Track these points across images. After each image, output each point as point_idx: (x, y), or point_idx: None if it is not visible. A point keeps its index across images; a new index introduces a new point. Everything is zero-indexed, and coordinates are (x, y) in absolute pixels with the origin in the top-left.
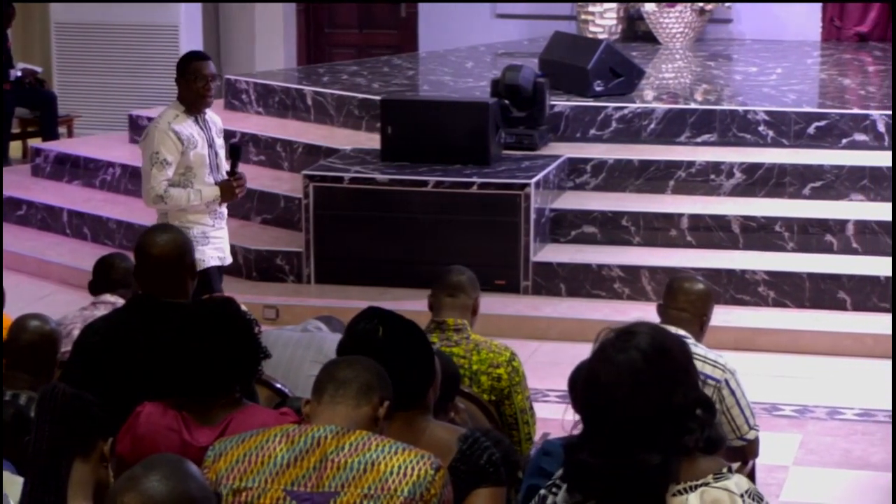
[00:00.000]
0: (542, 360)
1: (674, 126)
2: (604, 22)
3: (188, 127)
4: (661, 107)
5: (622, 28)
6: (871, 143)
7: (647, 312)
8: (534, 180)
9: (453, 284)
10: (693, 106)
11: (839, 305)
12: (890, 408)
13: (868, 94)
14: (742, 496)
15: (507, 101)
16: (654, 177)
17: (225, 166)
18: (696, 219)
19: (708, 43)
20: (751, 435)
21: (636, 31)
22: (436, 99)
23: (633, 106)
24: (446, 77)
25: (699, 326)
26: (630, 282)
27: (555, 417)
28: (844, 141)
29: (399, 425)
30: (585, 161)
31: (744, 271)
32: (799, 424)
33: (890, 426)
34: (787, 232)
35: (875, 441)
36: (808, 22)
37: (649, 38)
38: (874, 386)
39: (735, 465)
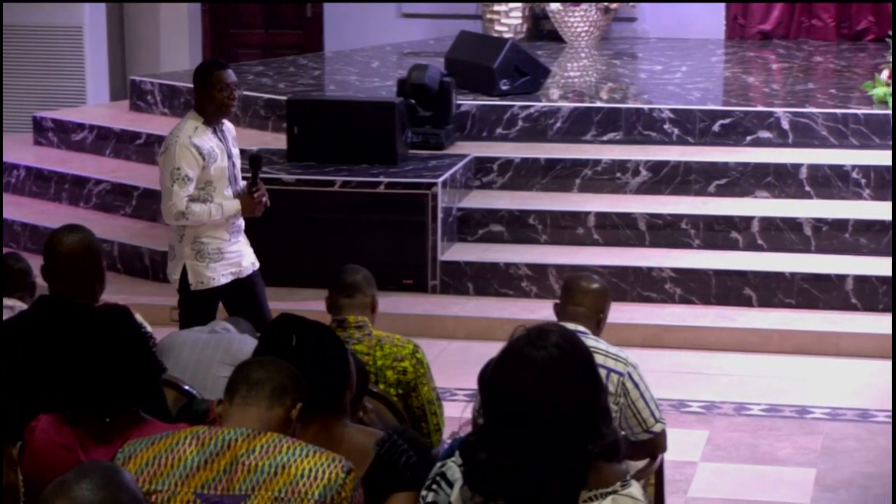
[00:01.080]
0: (450, 359)
1: (580, 124)
2: (509, 21)
3: (208, 140)
4: (567, 105)
5: (527, 27)
6: (775, 140)
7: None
8: (440, 180)
9: (348, 284)
10: (599, 104)
11: (745, 302)
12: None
13: (772, 91)
14: (643, 501)
15: (413, 101)
16: (561, 175)
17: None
18: (602, 217)
19: (613, 41)
20: (657, 428)
21: (541, 30)
22: (342, 99)
23: (539, 105)
24: (352, 77)
25: (596, 324)
26: (537, 280)
27: (463, 415)
28: (749, 138)
29: (316, 430)
30: (492, 160)
31: (650, 269)
32: (706, 421)
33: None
34: (693, 229)
35: (781, 436)
36: (712, 20)
37: (554, 37)
38: (780, 382)
39: (644, 462)
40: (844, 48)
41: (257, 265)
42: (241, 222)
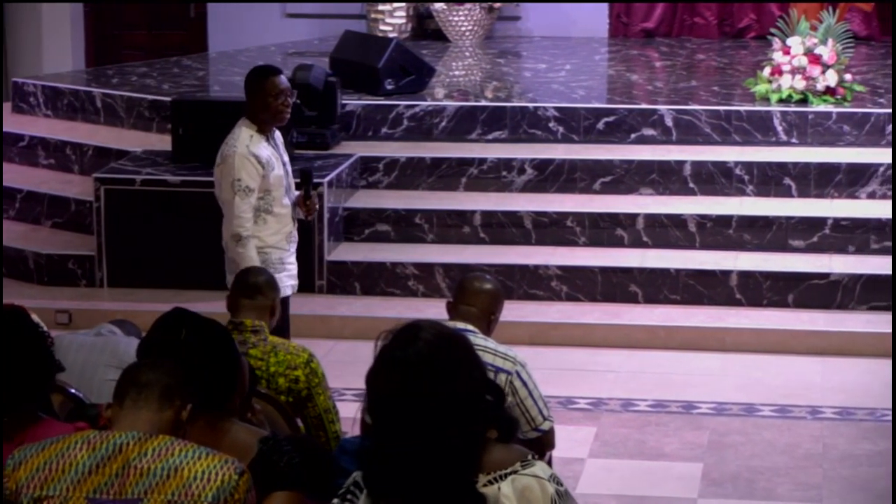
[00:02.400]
0: (338, 359)
1: (465, 123)
2: (393, 20)
3: (264, 148)
4: (452, 104)
5: (412, 26)
6: (659, 137)
7: (441, 310)
8: (326, 179)
9: (251, 286)
10: (484, 103)
11: (631, 298)
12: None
13: (655, 89)
14: (548, 480)
15: (298, 101)
16: (447, 174)
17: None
18: (488, 215)
19: (497, 40)
20: (546, 426)
21: (426, 29)
22: (227, 99)
23: (424, 104)
24: (237, 77)
25: (487, 324)
26: (424, 279)
27: (352, 416)
28: (633, 136)
29: (201, 428)
30: (378, 159)
31: (536, 267)
32: (594, 417)
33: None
34: (578, 227)
35: (668, 432)
36: (596, 19)
37: (439, 37)
38: (667, 377)
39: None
40: (726, 46)
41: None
42: (296, 235)
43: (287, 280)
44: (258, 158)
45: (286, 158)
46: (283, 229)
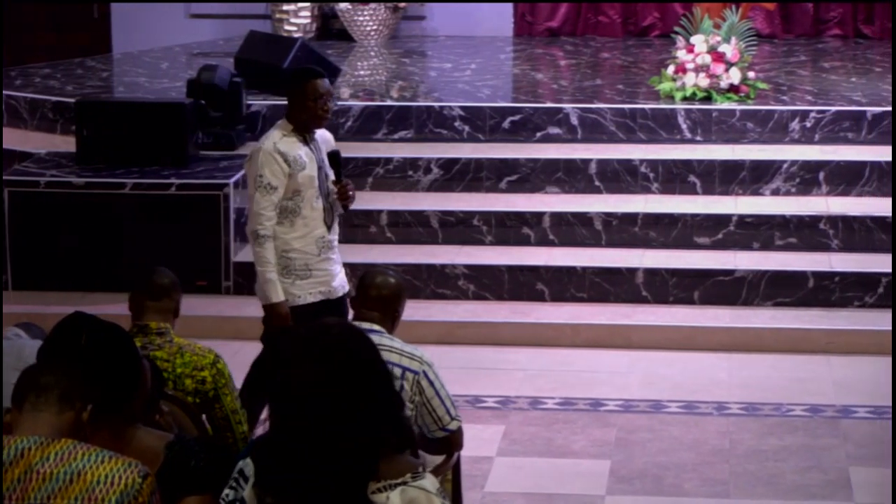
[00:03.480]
0: (246, 360)
1: (371, 123)
2: (298, 20)
3: (296, 147)
4: (358, 104)
5: (317, 26)
6: (564, 136)
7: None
8: (232, 180)
9: (155, 287)
10: (389, 103)
11: (538, 297)
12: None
13: (560, 87)
14: (436, 494)
15: (203, 102)
16: (353, 174)
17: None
18: (394, 215)
19: (402, 40)
20: (453, 425)
21: (331, 29)
22: (131, 100)
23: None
24: (141, 78)
25: (391, 321)
26: None
27: (261, 416)
28: (539, 135)
29: (106, 432)
30: None
31: (443, 266)
32: (501, 416)
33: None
34: (485, 226)
35: (576, 429)
36: (500, 18)
37: (344, 36)
38: (574, 375)
39: (440, 458)
40: (631, 44)
41: (347, 288)
42: (334, 239)
43: (311, 287)
44: (284, 156)
45: (326, 161)
46: (312, 233)
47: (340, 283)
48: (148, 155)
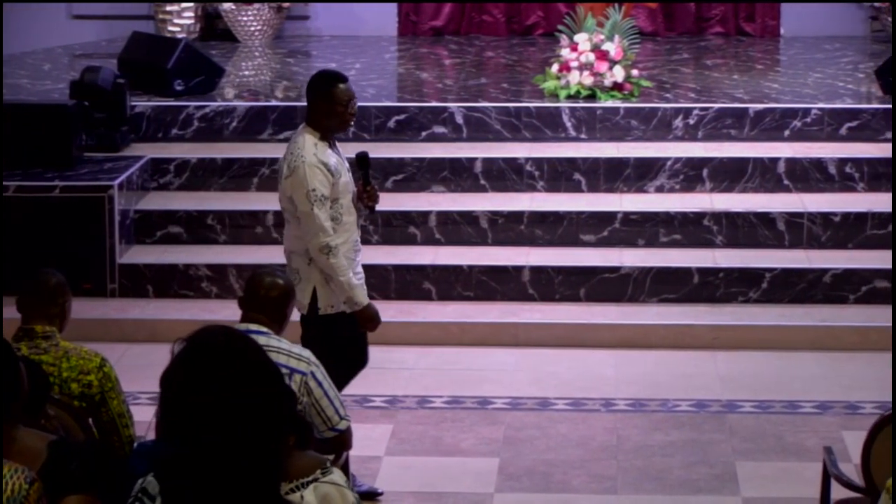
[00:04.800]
0: (132, 362)
1: (256, 124)
2: (182, 21)
3: (330, 155)
4: (243, 104)
5: (201, 27)
6: (449, 135)
7: (235, 310)
8: (117, 182)
9: (40, 289)
10: (274, 103)
11: (425, 296)
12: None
13: (445, 87)
14: (346, 486)
15: (86, 103)
16: (238, 175)
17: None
18: (280, 215)
19: (287, 40)
20: (342, 425)
21: (215, 29)
22: (13, 102)
23: (214, 104)
24: (23, 80)
25: (279, 322)
26: (217, 280)
27: (146, 420)
28: (424, 134)
29: None
30: (168, 161)
31: None
32: (390, 415)
33: None
34: (370, 225)
35: (464, 427)
36: (385, 17)
37: (228, 37)
38: (461, 374)
39: (329, 458)
40: (515, 43)
41: None
42: (360, 244)
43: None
44: (327, 166)
45: (347, 165)
46: (351, 238)
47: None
48: (31, 157)
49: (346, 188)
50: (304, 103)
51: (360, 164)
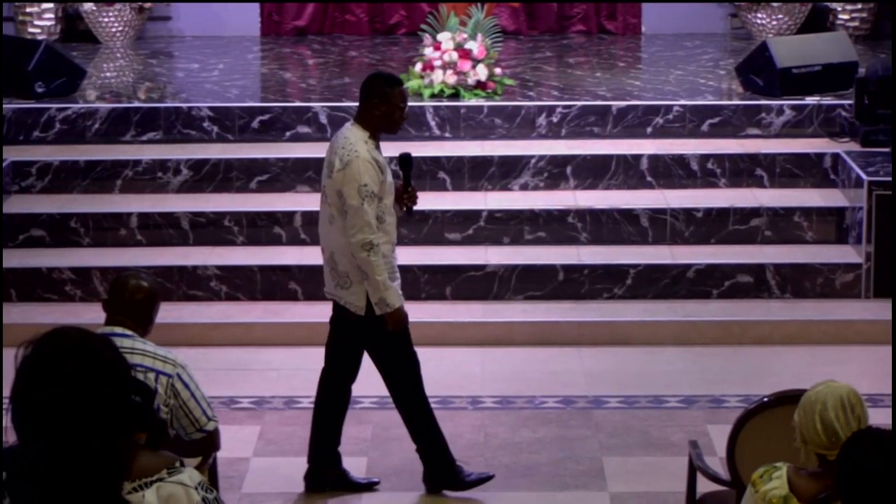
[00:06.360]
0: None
1: (119, 125)
2: (42, 23)
3: (377, 153)
4: (105, 106)
5: (61, 28)
6: (314, 135)
7: (100, 313)
8: None
9: None
10: (137, 104)
11: (291, 296)
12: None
13: (309, 87)
14: (196, 488)
15: None
16: (101, 177)
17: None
18: (145, 217)
19: (149, 41)
20: (210, 426)
21: (76, 30)
22: None
23: (76, 106)
24: None
25: (145, 324)
26: (81, 283)
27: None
28: (288, 134)
29: None
30: (30, 164)
31: (195, 267)
32: (257, 416)
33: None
34: (236, 226)
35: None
36: (247, 17)
37: (89, 38)
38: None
39: (197, 460)
40: (378, 42)
41: None
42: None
43: (398, 289)
44: (378, 163)
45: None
46: (392, 238)
47: None
48: None
49: (390, 188)
50: (167, 104)
51: (403, 165)
